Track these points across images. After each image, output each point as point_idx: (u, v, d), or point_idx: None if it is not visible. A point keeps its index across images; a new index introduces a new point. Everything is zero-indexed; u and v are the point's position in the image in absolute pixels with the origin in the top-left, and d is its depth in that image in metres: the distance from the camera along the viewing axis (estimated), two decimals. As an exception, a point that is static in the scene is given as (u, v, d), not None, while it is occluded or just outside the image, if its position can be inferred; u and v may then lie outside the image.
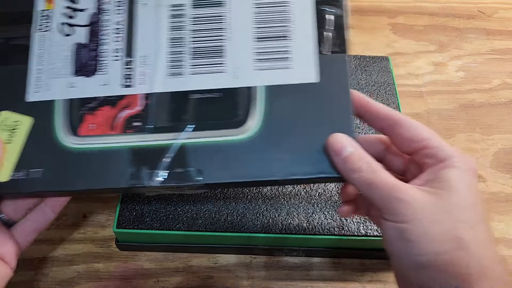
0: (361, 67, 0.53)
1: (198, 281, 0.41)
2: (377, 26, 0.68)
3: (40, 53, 0.32)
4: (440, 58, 0.64)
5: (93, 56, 0.32)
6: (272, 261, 0.42)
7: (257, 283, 0.41)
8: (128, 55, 0.32)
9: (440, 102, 0.58)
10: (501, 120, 0.56)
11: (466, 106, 0.58)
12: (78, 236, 0.43)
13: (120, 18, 0.32)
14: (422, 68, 0.62)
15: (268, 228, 0.39)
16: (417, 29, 0.68)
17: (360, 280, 0.41)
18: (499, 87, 0.61)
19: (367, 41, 0.66)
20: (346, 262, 0.42)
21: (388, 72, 0.52)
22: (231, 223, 0.39)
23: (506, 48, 0.66)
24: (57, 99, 0.31)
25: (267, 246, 0.41)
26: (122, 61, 0.31)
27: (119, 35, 0.32)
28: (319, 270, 0.42)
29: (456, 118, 0.56)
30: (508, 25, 0.70)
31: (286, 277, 0.41)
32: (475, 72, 0.62)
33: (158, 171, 0.29)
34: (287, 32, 0.31)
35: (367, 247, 0.41)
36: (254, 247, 0.41)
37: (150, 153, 0.29)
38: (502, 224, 0.47)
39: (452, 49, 0.66)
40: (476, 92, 0.60)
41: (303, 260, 0.42)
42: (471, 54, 0.65)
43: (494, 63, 0.64)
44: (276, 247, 0.41)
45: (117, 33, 0.32)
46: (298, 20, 0.31)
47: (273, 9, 0.31)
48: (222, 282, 0.41)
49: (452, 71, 0.62)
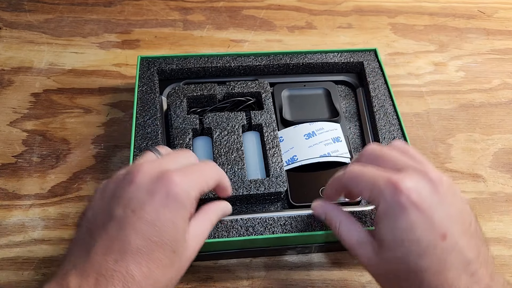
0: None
1: (198, 281, 0.41)
2: (377, 26, 0.68)
3: None
4: (440, 58, 0.64)
5: None
6: (272, 261, 0.42)
7: (257, 283, 0.41)
8: None
9: (440, 102, 0.58)
10: (501, 120, 0.56)
11: (466, 106, 0.58)
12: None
13: None
14: (422, 68, 0.62)
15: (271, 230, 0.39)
16: (417, 29, 0.68)
17: (360, 280, 0.41)
18: (499, 87, 0.61)
19: (367, 41, 0.66)
20: (346, 262, 0.43)
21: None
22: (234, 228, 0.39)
23: (506, 48, 0.66)
24: None
25: (275, 246, 0.41)
26: None
27: None
28: (319, 270, 0.42)
29: (456, 118, 0.56)
30: (508, 25, 0.70)
31: (286, 277, 0.41)
32: (475, 72, 0.62)
33: None
34: None
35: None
36: (263, 249, 0.41)
37: None
38: (502, 224, 0.47)
39: (452, 49, 0.66)
40: (476, 92, 0.60)
41: (303, 260, 0.42)
42: (471, 54, 0.65)
43: (494, 63, 0.64)
44: (284, 246, 0.41)
45: None
46: None
47: None
48: (222, 282, 0.41)
49: (452, 71, 0.62)
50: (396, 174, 0.29)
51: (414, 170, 0.30)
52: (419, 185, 0.29)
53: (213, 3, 0.70)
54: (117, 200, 0.29)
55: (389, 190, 0.29)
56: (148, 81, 0.49)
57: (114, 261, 0.27)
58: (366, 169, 0.31)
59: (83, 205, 0.45)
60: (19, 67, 0.58)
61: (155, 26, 0.65)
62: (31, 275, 0.40)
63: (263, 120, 0.46)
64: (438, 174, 0.30)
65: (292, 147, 0.45)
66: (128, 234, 0.28)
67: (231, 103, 0.49)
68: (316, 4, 0.71)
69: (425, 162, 0.31)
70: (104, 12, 0.67)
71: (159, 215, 0.28)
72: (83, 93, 0.55)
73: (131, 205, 0.29)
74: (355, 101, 0.53)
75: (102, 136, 0.51)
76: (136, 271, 0.27)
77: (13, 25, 0.63)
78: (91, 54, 0.60)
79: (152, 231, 0.28)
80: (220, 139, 0.44)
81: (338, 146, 0.46)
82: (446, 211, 0.29)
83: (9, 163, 0.48)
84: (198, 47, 0.63)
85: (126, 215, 0.28)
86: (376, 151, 0.33)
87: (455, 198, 0.30)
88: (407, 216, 0.28)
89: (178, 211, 0.29)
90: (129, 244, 0.27)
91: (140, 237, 0.28)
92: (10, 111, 0.53)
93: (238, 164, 0.43)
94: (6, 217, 0.44)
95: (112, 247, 0.27)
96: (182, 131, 0.44)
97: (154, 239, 0.28)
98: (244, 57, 0.52)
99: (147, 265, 0.28)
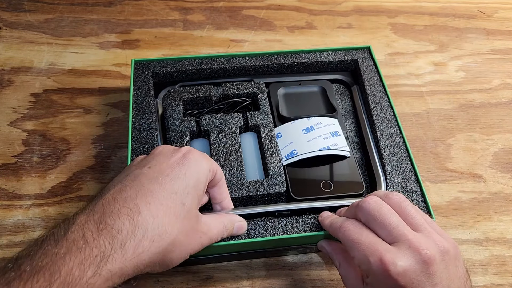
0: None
1: (198, 281, 0.41)
2: (377, 26, 0.68)
3: None
4: (440, 58, 0.64)
5: None
6: (272, 261, 0.42)
7: (257, 283, 0.41)
8: None
9: (440, 102, 0.58)
10: (501, 120, 0.56)
11: (466, 106, 0.58)
12: (78, 236, 0.43)
13: None
14: (422, 68, 0.62)
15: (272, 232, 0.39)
16: (417, 29, 0.68)
17: (360, 280, 0.41)
18: (499, 87, 0.61)
19: (367, 41, 0.66)
20: (346, 262, 0.43)
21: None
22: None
23: (506, 48, 0.66)
24: None
25: (276, 248, 0.41)
26: None
27: None
28: (319, 270, 0.42)
29: (456, 118, 0.56)
30: (508, 25, 0.70)
31: (286, 277, 0.41)
32: (475, 72, 0.62)
33: None
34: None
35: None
36: (263, 251, 0.41)
37: None
38: (502, 224, 0.47)
39: (452, 49, 0.66)
40: (476, 92, 0.60)
41: (303, 260, 0.42)
42: (471, 54, 0.65)
43: (494, 63, 0.64)
44: (284, 247, 0.41)
45: None
46: None
47: None
48: (222, 282, 0.41)
49: (452, 71, 0.62)
50: (389, 253, 0.30)
51: (408, 247, 0.30)
52: (410, 267, 0.30)
53: (213, 3, 0.70)
54: (136, 166, 0.32)
55: (379, 271, 0.30)
56: (143, 84, 0.48)
57: (124, 199, 0.29)
58: (362, 237, 0.32)
59: (83, 205, 0.45)
60: (19, 67, 0.58)
61: (155, 26, 0.65)
62: (31, 275, 0.40)
63: (260, 120, 0.46)
64: (431, 252, 0.30)
65: (291, 141, 0.45)
66: (142, 180, 0.30)
67: (227, 104, 0.49)
68: (316, 4, 0.71)
69: (421, 226, 0.32)
70: (104, 12, 0.67)
71: (173, 168, 0.32)
72: (83, 93, 0.55)
73: (149, 164, 0.32)
74: (351, 99, 0.53)
75: (102, 136, 0.51)
76: (144, 208, 0.29)
77: (13, 25, 0.63)
78: (91, 54, 0.60)
79: (165, 179, 0.31)
80: (217, 141, 0.44)
81: (337, 140, 0.45)
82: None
83: (9, 163, 0.48)
84: (198, 47, 0.63)
85: (142, 171, 0.31)
86: (374, 211, 0.33)
87: (448, 272, 0.30)
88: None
89: (192, 169, 0.32)
90: (142, 187, 0.30)
91: (153, 183, 0.30)
92: (10, 111, 0.53)
93: (236, 165, 0.42)
94: (6, 217, 0.44)
95: (124, 190, 0.29)
96: (179, 133, 0.44)
97: (166, 186, 0.30)
98: (239, 57, 0.52)
99: (155, 207, 0.29)
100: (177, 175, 0.31)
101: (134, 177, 0.31)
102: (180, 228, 0.30)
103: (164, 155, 0.33)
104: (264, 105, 0.48)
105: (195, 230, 0.32)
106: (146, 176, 0.31)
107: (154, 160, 0.33)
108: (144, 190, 0.29)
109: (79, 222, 0.27)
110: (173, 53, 0.61)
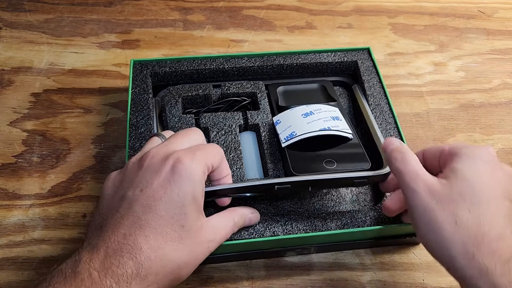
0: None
1: (198, 281, 0.41)
2: (377, 26, 0.68)
3: None
4: (440, 58, 0.64)
5: None
6: (272, 261, 0.42)
7: (257, 283, 0.41)
8: None
9: (440, 102, 0.58)
10: (501, 120, 0.56)
11: (466, 106, 0.58)
12: (78, 236, 0.43)
13: None
14: (422, 68, 0.62)
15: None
16: (417, 29, 0.68)
17: (360, 280, 0.41)
18: (499, 87, 0.61)
19: (367, 41, 0.66)
20: (346, 262, 0.42)
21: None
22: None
23: (506, 48, 0.66)
24: None
25: (275, 248, 0.41)
26: None
27: None
28: (319, 270, 0.42)
29: (456, 118, 0.56)
30: (508, 25, 0.70)
31: (286, 277, 0.41)
32: (475, 72, 0.62)
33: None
34: None
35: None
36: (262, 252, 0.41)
37: None
38: (502, 224, 0.47)
39: (452, 49, 0.66)
40: (476, 92, 0.60)
41: (303, 260, 0.42)
42: (471, 54, 0.65)
43: (494, 63, 0.64)
44: (283, 248, 0.41)
45: None
46: None
47: None
48: (222, 282, 0.41)
49: (452, 71, 0.62)
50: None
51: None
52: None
53: (213, 3, 0.70)
54: (127, 185, 0.31)
55: (472, 147, 0.32)
56: (141, 83, 0.49)
57: (123, 235, 0.28)
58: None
59: (83, 205, 0.45)
60: (19, 67, 0.58)
61: (155, 26, 0.65)
62: (31, 275, 0.40)
63: (260, 120, 0.46)
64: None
65: (289, 125, 0.44)
66: (137, 210, 0.29)
67: (226, 103, 0.49)
68: (316, 4, 0.72)
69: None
70: (104, 12, 0.67)
71: (165, 189, 0.30)
72: (83, 93, 0.55)
73: (140, 185, 0.31)
74: (351, 100, 0.52)
75: (102, 136, 0.51)
76: (144, 244, 0.28)
77: (13, 25, 0.63)
78: (91, 54, 0.60)
79: (159, 205, 0.30)
80: (217, 139, 0.44)
81: (338, 123, 0.44)
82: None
83: (9, 163, 0.48)
84: (198, 47, 0.63)
85: (135, 195, 0.30)
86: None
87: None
88: (492, 167, 0.31)
89: (185, 185, 0.30)
90: (138, 219, 0.29)
91: (148, 212, 0.29)
92: (10, 111, 0.53)
93: (236, 163, 0.42)
94: (6, 217, 0.44)
95: (122, 223, 0.29)
96: (177, 130, 0.44)
97: (162, 213, 0.29)
98: (238, 58, 0.52)
99: (155, 238, 0.29)
100: (170, 197, 0.30)
101: (129, 204, 0.30)
102: (183, 250, 0.30)
103: (152, 170, 0.31)
104: (263, 104, 0.48)
105: (200, 243, 0.32)
106: (139, 204, 0.30)
107: (144, 179, 0.31)
108: (140, 222, 0.29)
109: (85, 261, 0.27)
110: (173, 53, 0.61)
